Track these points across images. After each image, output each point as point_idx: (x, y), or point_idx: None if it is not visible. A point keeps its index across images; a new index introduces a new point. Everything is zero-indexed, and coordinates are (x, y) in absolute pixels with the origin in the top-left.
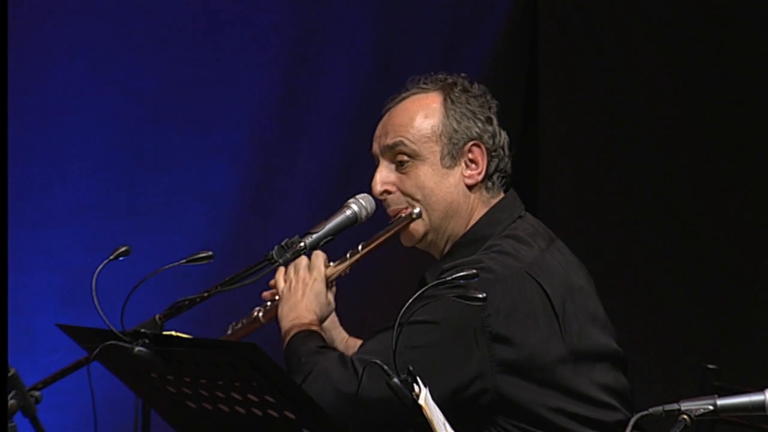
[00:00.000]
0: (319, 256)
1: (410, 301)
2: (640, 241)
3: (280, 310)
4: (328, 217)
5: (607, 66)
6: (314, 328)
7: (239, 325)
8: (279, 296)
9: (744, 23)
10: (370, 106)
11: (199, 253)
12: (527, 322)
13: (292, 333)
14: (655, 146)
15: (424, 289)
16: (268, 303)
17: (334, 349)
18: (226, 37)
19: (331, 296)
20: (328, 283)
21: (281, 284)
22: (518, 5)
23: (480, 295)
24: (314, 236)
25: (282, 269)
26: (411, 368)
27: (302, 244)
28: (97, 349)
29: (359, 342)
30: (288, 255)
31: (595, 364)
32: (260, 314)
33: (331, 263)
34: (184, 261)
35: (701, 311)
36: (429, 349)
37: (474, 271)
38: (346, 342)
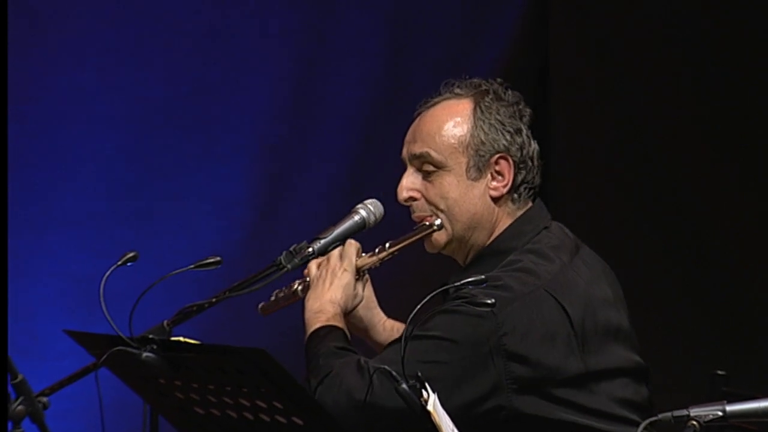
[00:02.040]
0: (351, 244)
1: (418, 307)
2: (647, 244)
3: (306, 300)
4: (336, 222)
5: (618, 70)
6: (336, 323)
7: (282, 294)
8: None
9: (756, 24)
10: (381, 112)
11: (207, 259)
12: (544, 341)
13: (313, 328)
14: (665, 148)
15: (430, 295)
16: (308, 278)
17: (355, 351)
18: (236, 42)
19: (360, 287)
20: (359, 273)
21: (313, 271)
22: (529, 9)
23: (489, 301)
24: (322, 242)
25: (319, 258)
26: (420, 374)
27: (310, 249)
28: (105, 355)
29: (398, 324)
30: (296, 260)
31: (614, 380)
32: (300, 288)
33: (364, 254)
34: (192, 266)
35: (710, 316)
36: (446, 365)
37: (482, 277)
38: (384, 323)
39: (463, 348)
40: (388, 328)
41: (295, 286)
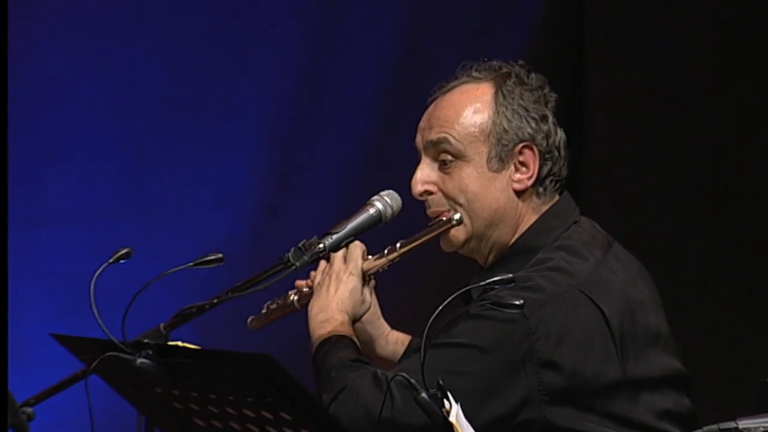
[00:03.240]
0: (357, 246)
1: (438, 310)
2: (689, 242)
3: (310, 308)
4: (349, 216)
5: (661, 51)
6: (346, 332)
7: (274, 305)
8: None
9: None
10: (396, 99)
11: (207, 256)
12: (581, 347)
13: (321, 339)
14: (713, 137)
15: (451, 297)
16: (305, 288)
17: (368, 363)
18: (241, 23)
19: (367, 292)
20: (365, 277)
21: (318, 278)
22: None
23: (517, 302)
24: (334, 237)
25: (323, 262)
26: (441, 382)
27: (321, 245)
28: (96, 361)
29: (402, 336)
30: (306, 257)
31: (654, 389)
32: (295, 299)
33: (370, 256)
34: (191, 264)
35: (759, 319)
36: (472, 375)
37: (510, 276)
38: (387, 336)
39: (491, 356)
40: (392, 341)
41: (291, 297)
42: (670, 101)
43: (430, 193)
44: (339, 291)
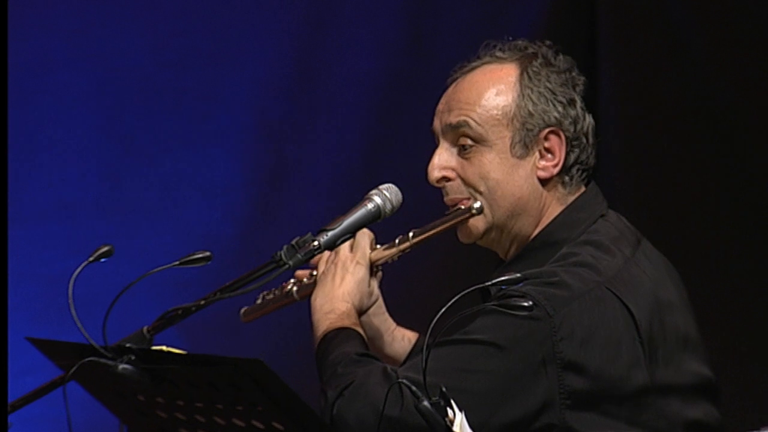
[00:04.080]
0: (364, 234)
1: (448, 304)
2: (719, 239)
3: (313, 298)
4: (346, 212)
5: (676, 35)
6: (352, 325)
7: (270, 296)
8: (316, 279)
9: None
10: (399, 83)
11: (194, 254)
12: (607, 348)
13: (325, 332)
14: (746, 121)
15: (465, 291)
16: (305, 279)
17: (376, 357)
18: (230, 4)
19: (375, 284)
20: (373, 268)
21: (321, 268)
22: None
23: (525, 303)
24: (330, 234)
25: (327, 253)
26: (444, 389)
27: (316, 243)
28: (75, 367)
29: (409, 333)
30: (299, 256)
31: (683, 397)
32: (294, 289)
33: (378, 246)
34: (177, 263)
35: None
36: (489, 375)
37: (518, 275)
38: (393, 332)
39: (511, 355)
40: (398, 337)
41: (289, 287)
42: (692, 86)
43: (448, 179)
44: (345, 281)
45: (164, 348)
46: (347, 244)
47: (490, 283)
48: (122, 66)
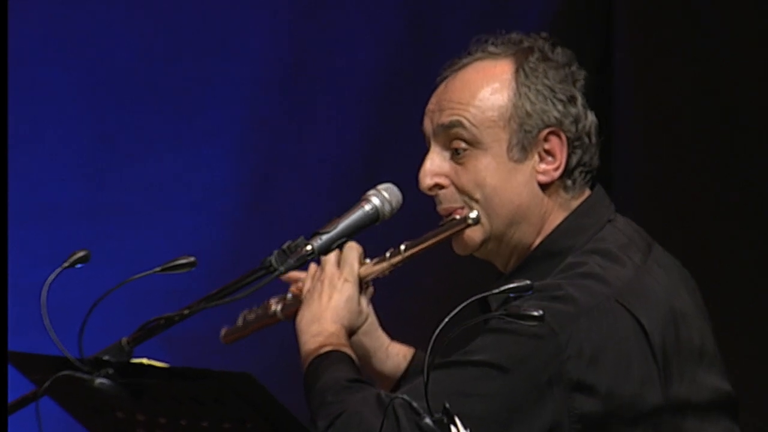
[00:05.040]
0: (352, 248)
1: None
2: (738, 243)
3: (299, 319)
4: (342, 214)
5: (697, 26)
6: (342, 347)
7: (252, 316)
8: (302, 297)
9: None
10: (400, 77)
11: (177, 260)
12: (617, 366)
13: (313, 355)
14: (760, 121)
15: (462, 305)
16: (290, 295)
17: (370, 384)
18: None
19: (365, 301)
20: (362, 284)
21: (308, 284)
22: None
23: (536, 313)
24: (324, 238)
25: (313, 266)
26: (447, 406)
27: (309, 247)
28: (48, 381)
29: (404, 349)
30: (291, 262)
31: (701, 415)
32: (278, 308)
33: (368, 260)
34: (158, 269)
35: None
36: (491, 399)
37: (527, 282)
38: (387, 349)
39: (513, 377)
40: (393, 354)
41: (273, 306)
42: (715, 81)
43: (441, 187)
44: (333, 299)
45: (145, 361)
46: (334, 259)
47: (495, 291)
48: (106, 60)
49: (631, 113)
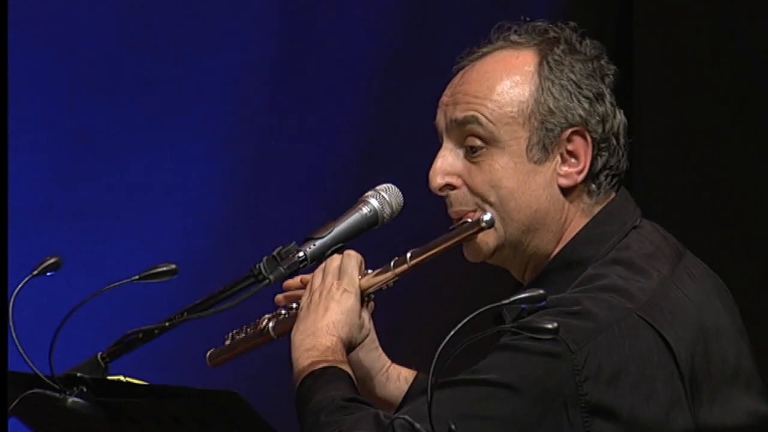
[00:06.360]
0: (351, 257)
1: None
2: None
3: (293, 334)
4: (338, 217)
5: (721, 18)
6: (338, 363)
7: (242, 335)
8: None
9: None
10: (400, 67)
11: (157, 267)
12: (640, 387)
13: (306, 372)
14: None
15: (464, 321)
16: (283, 311)
17: (368, 403)
18: None
19: (366, 315)
20: (364, 297)
21: (304, 299)
22: None
23: (550, 326)
24: (318, 243)
25: (318, 278)
26: (453, 428)
27: (301, 254)
28: (16, 401)
29: (405, 372)
30: (282, 269)
31: None
32: (270, 325)
33: (369, 271)
34: (137, 277)
35: None
36: (501, 422)
37: (541, 292)
38: (388, 371)
39: (525, 398)
40: (393, 377)
41: (263, 323)
42: (740, 76)
43: (452, 187)
44: (330, 311)
45: (122, 378)
46: (335, 267)
47: (506, 302)
48: (82, 51)
49: (652, 111)
